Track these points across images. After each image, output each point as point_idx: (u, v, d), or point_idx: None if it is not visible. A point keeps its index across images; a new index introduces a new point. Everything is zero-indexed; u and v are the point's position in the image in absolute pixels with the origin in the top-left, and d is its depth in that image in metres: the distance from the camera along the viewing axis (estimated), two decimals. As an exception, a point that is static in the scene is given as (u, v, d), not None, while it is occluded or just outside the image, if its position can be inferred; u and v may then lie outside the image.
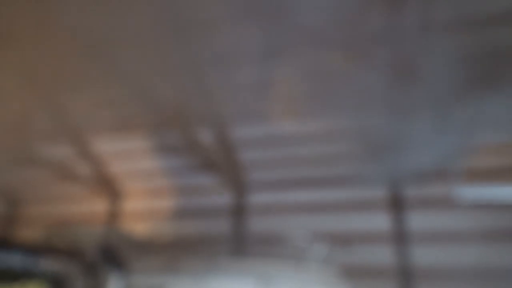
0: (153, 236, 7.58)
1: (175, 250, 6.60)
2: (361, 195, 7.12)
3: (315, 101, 6.79)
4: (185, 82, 5.75)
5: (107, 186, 8.58)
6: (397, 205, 6.88)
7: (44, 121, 7.40)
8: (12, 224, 9.10)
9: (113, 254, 2.29)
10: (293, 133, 7.34)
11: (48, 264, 2.24)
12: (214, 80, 5.84)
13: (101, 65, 5.48)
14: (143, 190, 8.51)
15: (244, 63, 6.05)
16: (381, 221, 6.78)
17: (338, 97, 6.43)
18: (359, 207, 7.03)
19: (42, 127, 7.13)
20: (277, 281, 4.10)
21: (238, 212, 7.69)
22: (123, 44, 4.85)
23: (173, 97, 5.67)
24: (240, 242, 7.31)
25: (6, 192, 9.10)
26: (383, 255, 6.44)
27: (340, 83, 6.28)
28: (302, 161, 7.53)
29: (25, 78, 6.62)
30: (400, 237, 6.57)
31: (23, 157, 7.59)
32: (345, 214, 7.03)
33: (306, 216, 7.26)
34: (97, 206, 8.74)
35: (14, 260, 2.05)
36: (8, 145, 6.66)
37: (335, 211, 7.12)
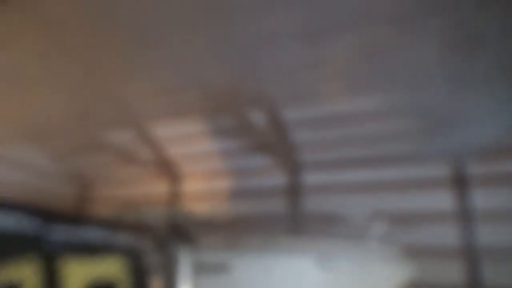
0: (212, 216, 7.89)
1: (234, 229, 6.83)
2: (422, 173, 6.87)
3: (369, 78, 6.58)
4: (237, 66, 5.84)
5: (167, 169, 9.02)
6: (460, 182, 6.56)
7: (108, 110, 7.88)
8: (84, 205, 9.91)
9: (182, 231, 2.45)
10: (347, 112, 7.19)
11: (124, 240, 2.44)
12: (266, 63, 5.87)
13: (158, 54, 5.71)
14: (201, 172, 8.84)
15: (294, 44, 6.00)
16: (443, 200, 6.51)
17: (393, 72, 6.19)
18: (420, 186, 6.80)
19: (106, 115, 7.61)
20: (337, 260, 4.13)
21: (293, 192, 7.76)
22: (178, 33, 5.00)
23: (226, 81, 5.79)
24: (296, 221, 7.40)
25: (79, 176, 9.88)
26: (446, 234, 6.22)
27: (394, 58, 6.03)
28: (358, 140, 7.39)
29: (89, 71, 7.07)
30: (464, 216, 6.28)
31: (91, 144, 8.17)
32: (405, 193, 6.84)
33: (364, 196, 7.16)
34: (159, 188, 9.22)
35: (94, 235, 2.26)
36: (78, 133, 7.21)
37: (394, 190, 6.95)
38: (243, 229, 6.76)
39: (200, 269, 2.62)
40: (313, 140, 7.60)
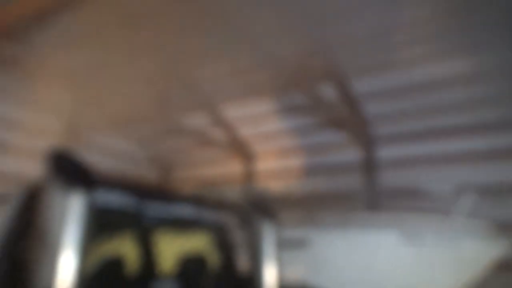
0: (288, 193, 7.96)
1: (311, 206, 6.84)
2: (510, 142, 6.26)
3: (451, 40, 6.05)
4: (309, 40, 5.72)
5: (241, 149, 9.25)
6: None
7: (184, 95, 8.25)
8: (166, 186, 10.57)
9: (265, 207, 2.52)
10: (424, 80, 6.72)
11: (211, 216, 2.58)
12: (337, 34, 5.67)
13: (230, 36, 5.79)
14: (274, 150, 8.93)
15: (363, 13, 5.71)
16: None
17: (479, 33, 5.62)
18: (510, 156, 6.21)
19: (183, 101, 7.97)
20: (423, 235, 3.96)
21: (369, 167, 7.54)
22: (249, 11, 5.00)
23: (298, 57, 5.71)
24: (373, 197, 7.20)
25: (159, 159, 10.55)
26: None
27: (479, 17, 5.45)
28: (437, 109, 6.91)
29: (166, 60, 7.43)
30: None
31: (171, 128, 8.64)
32: (495, 163, 6.28)
33: (448, 168, 6.72)
34: (234, 167, 9.52)
35: (184, 211, 2.41)
36: (158, 119, 7.66)
37: (482, 160, 6.42)
38: (318, 206, 6.74)
39: (281, 245, 2.68)
40: (388, 112, 7.25)
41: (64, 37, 7.21)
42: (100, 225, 1.73)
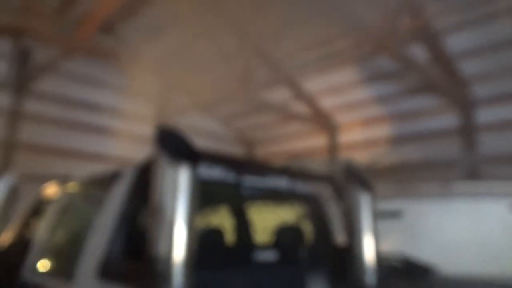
0: (377, 164, 7.65)
1: (402, 176, 6.51)
2: None
3: None
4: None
5: (324, 122, 9.08)
6: None
7: (264, 71, 8.28)
8: (252, 162, 10.83)
9: (361, 178, 2.44)
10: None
11: (306, 187, 2.57)
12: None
13: (308, 8, 5.60)
14: (359, 121, 8.62)
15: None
16: None
17: None
18: None
19: (263, 76, 8.01)
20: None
21: (466, 132, 6.90)
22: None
23: (382, 20, 5.34)
24: (472, 164, 6.60)
25: (243, 136, 10.84)
26: None
27: None
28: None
29: (246, 39, 7.50)
30: None
31: (252, 105, 8.77)
32: None
33: None
34: (317, 140, 9.41)
35: (279, 183, 2.43)
36: (239, 96, 7.80)
37: None
38: (413, 175, 6.38)
39: (376, 216, 2.58)
40: (487, 71, 6.49)
41: (150, 27, 7.66)
42: (204, 197, 1.82)
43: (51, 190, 2.86)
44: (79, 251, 1.88)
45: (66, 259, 2.15)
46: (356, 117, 8.61)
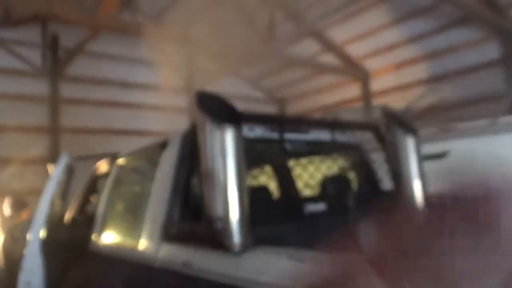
0: (411, 107, 7.41)
1: (442, 116, 6.26)
2: None
3: None
4: None
5: (355, 71, 8.83)
6: None
7: (287, 26, 8.06)
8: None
9: (405, 122, 2.40)
10: None
11: (347, 137, 2.57)
12: None
13: None
14: (392, 65, 8.30)
15: None
16: None
17: None
18: None
19: (286, 31, 7.80)
20: None
21: (509, 62, 6.49)
22: None
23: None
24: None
25: (275, 95, 10.76)
26: None
27: None
28: None
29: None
30: None
31: (279, 62, 8.62)
32: None
33: None
34: (350, 91, 9.20)
35: (321, 135, 2.44)
36: (266, 55, 7.67)
37: None
38: (458, 113, 6.14)
39: (422, 158, 2.55)
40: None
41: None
42: (251, 156, 1.87)
43: (104, 167, 3.03)
44: (141, 219, 2.01)
45: (129, 228, 2.31)
46: (388, 62, 8.28)
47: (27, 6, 6.23)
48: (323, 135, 2.43)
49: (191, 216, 1.84)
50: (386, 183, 2.63)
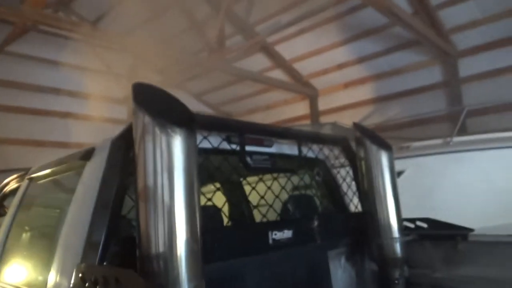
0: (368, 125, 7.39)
1: (399, 134, 6.25)
2: None
3: None
4: None
5: (305, 88, 8.74)
6: None
7: (234, 38, 7.77)
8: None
9: (377, 135, 2.14)
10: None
11: (315, 151, 2.25)
12: None
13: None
14: (340, 84, 8.31)
15: None
16: None
17: None
18: None
19: (234, 44, 7.50)
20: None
21: (452, 85, 6.73)
22: None
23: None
24: (459, 117, 6.42)
25: (222, 109, 10.35)
26: None
27: None
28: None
29: (212, 4, 6.95)
30: None
31: (227, 77, 8.29)
32: None
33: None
34: (298, 108, 9.09)
35: (287, 148, 2.10)
36: (212, 68, 7.29)
37: None
38: (403, 132, 6.17)
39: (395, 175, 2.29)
40: (469, 19, 6.24)
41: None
42: (203, 168, 1.45)
43: (14, 182, 2.43)
44: (50, 253, 1.47)
45: (34, 263, 1.75)
46: (336, 80, 8.29)
47: None
48: (288, 149, 2.08)
49: (120, 250, 1.34)
50: (359, 202, 2.32)
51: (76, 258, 1.29)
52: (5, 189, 2.45)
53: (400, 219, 2.15)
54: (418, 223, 2.35)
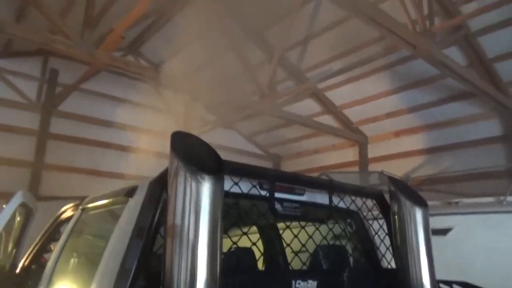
0: (409, 177, 7.16)
1: (446, 188, 5.98)
2: None
3: None
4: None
5: (354, 134, 8.69)
6: None
7: (288, 84, 8.06)
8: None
9: (413, 192, 2.13)
10: None
11: (347, 203, 2.26)
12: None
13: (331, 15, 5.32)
14: (391, 132, 8.18)
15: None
16: None
17: None
18: None
19: (285, 88, 7.75)
20: None
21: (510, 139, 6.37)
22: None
23: (412, 21, 4.99)
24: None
25: (271, 150, 10.53)
26: None
27: None
28: None
29: (267, 48, 7.30)
30: None
31: (278, 120, 8.49)
32: None
33: None
34: (347, 154, 9.01)
35: (316, 198, 2.14)
36: (265, 112, 7.54)
37: None
38: (457, 187, 5.89)
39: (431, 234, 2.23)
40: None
41: (174, 43, 7.60)
42: (230, 213, 1.55)
43: (69, 211, 2.67)
44: (88, 282, 1.63)
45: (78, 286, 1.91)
46: (386, 129, 8.18)
47: (29, 38, 6.16)
48: (320, 198, 2.13)
49: (147, 284, 1.46)
50: (391, 258, 2.28)
51: (109, 285, 1.43)
52: (61, 216, 2.70)
53: (433, 280, 2.08)
54: (455, 286, 2.24)
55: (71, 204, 2.75)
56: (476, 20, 5.61)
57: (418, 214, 2.07)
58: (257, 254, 1.88)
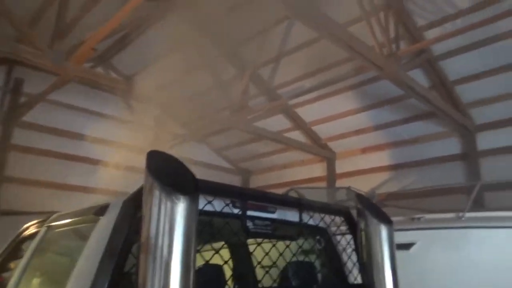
0: (374, 193, 7.38)
1: (402, 204, 6.22)
2: None
3: None
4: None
5: (322, 151, 8.88)
6: None
7: (259, 101, 8.17)
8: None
9: (377, 208, 2.22)
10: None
11: (315, 220, 2.33)
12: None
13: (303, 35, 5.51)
14: (358, 149, 8.43)
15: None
16: None
17: None
18: None
19: (258, 105, 7.87)
20: None
21: (470, 158, 6.73)
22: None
23: (379, 44, 5.24)
24: (478, 191, 6.34)
25: (240, 164, 10.56)
26: None
27: None
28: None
29: (239, 65, 7.41)
30: None
31: (248, 135, 8.57)
32: None
33: None
34: (315, 170, 9.18)
35: (286, 215, 2.19)
36: (235, 127, 7.61)
37: None
38: (418, 203, 6.12)
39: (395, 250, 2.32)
40: (487, 95, 6.38)
41: (146, 57, 7.58)
42: (204, 231, 1.57)
43: (33, 227, 2.59)
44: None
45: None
46: (353, 145, 8.43)
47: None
48: (290, 216, 2.18)
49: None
50: (358, 274, 2.35)
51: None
52: (24, 233, 2.61)
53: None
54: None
55: (35, 221, 2.66)
56: (439, 45, 5.94)
57: (384, 231, 2.16)
58: (227, 271, 1.90)
